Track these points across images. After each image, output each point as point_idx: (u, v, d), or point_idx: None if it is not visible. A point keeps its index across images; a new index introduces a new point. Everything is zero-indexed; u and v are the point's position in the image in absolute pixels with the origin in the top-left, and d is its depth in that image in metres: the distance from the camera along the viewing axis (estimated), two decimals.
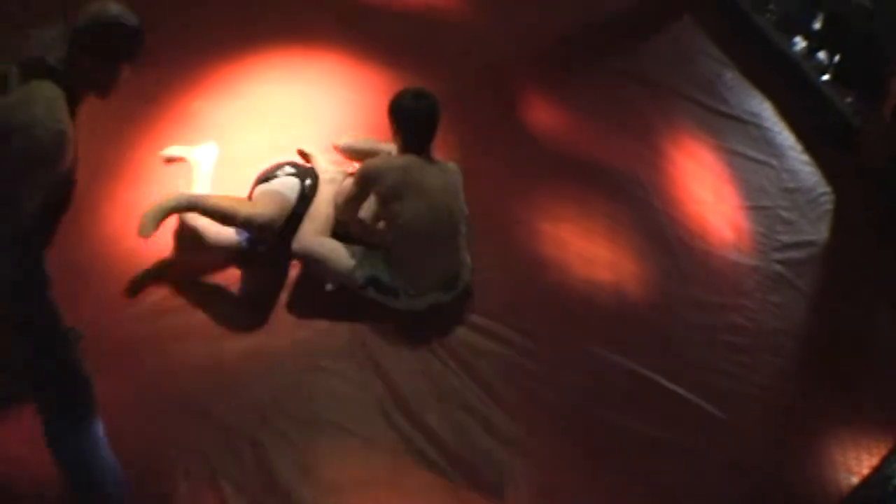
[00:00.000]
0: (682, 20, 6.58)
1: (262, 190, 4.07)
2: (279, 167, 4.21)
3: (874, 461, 4.14)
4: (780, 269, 4.91)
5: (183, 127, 4.65)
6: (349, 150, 4.51)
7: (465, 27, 5.87)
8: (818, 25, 6.44)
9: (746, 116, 5.86)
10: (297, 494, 3.40)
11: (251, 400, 3.66)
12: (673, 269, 4.70)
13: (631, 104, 5.69)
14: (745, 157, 5.54)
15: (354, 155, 4.49)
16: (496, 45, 5.81)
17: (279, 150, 4.49)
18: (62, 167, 2.75)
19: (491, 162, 4.23)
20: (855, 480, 4.05)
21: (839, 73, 6.18)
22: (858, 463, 4.13)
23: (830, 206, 5.45)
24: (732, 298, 4.66)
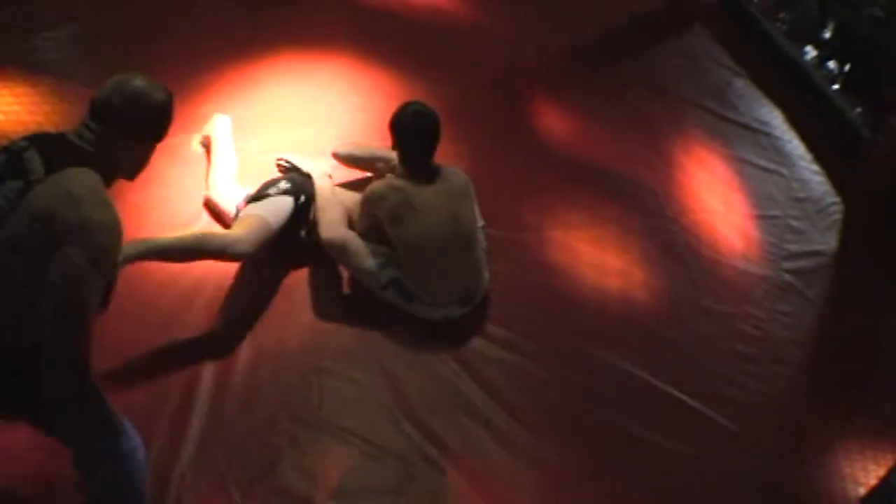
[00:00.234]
0: (693, 28, 6.57)
1: (246, 212, 4.00)
2: (274, 183, 4.16)
3: (881, 472, 4.14)
4: (788, 278, 4.91)
5: (193, 132, 4.65)
6: (348, 158, 4.47)
7: (475, 33, 5.87)
8: (828, 34, 6.43)
9: (756, 125, 5.86)
10: (304, 499, 3.40)
11: (259, 403, 3.66)
12: (682, 277, 4.70)
13: (641, 111, 5.69)
14: (754, 165, 5.54)
15: (353, 163, 4.47)
16: (506, 51, 5.81)
17: (290, 153, 4.50)
18: (115, 265, 2.60)
19: (500, 168, 4.23)
20: (862, 491, 4.06)
21: (849, 82, 6.17)
22: (865, 474, 4.13)
23: (839, 215, 5.44)
24: (741, 307, 4.66)
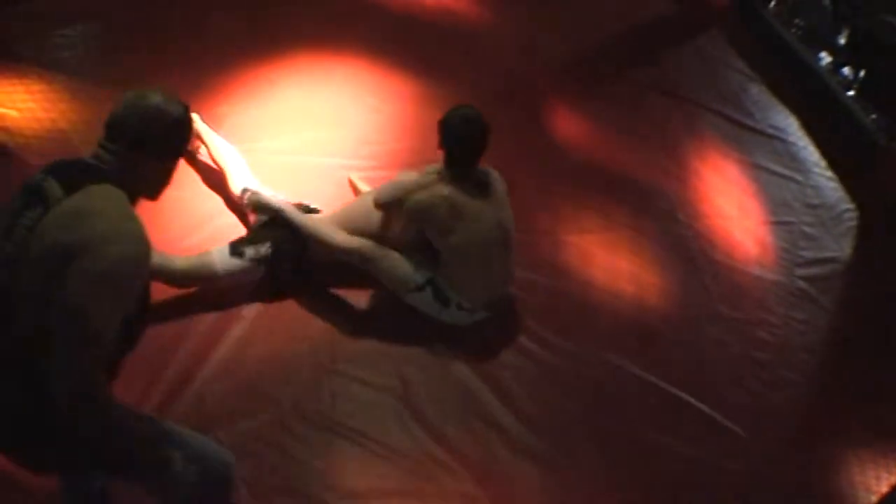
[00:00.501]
0: (708, 33, 6.56)
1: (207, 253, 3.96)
2: (256, 242, 4.01)
3: (893, 479, 4.12)
4: (802, 284, 4.89)
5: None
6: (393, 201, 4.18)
7: (488, 36, 5.88)
8: (843, 41, 6.41)
9: (772, 131, 5.84)
10: (314, 500, 3.41)
11: (271, 404, 3.67)
12: (696, 282, 4.70)
13: (656, 116, 5.69)
14: (769, 171, 5.53)
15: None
16: (522, 55, 5.82)
17: (304, 154, 4.52)
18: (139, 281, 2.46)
19: (515, 172, 4.23)
20: (874, 499, 4.04)
21: (864, 89, 6.15)
22: (878, 482, 4.12)
23: (853, 222, 5.42)
24: (755, 313, 4.65)
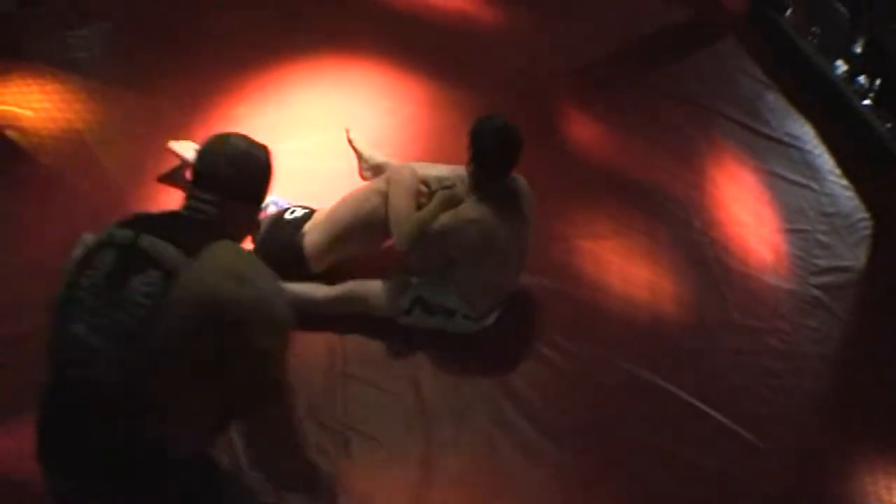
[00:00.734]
0: (724, 40, 6.54)
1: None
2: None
3: None
4: (816, 293, 4.86)
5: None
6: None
7: (505, 41, 5.88)
8: (859, 49, 6.39)
9: (787, 139, 5.81)
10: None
11: None
12: (710, 289, 4.67)
13: (672, 123, 5.67)
14: (784, 179, 5.50)
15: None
16: (536, 60, 5.81)
17: (317, 157, 4.52)
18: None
19: (529, 176, 4.22)
20: None
21: (880, 98, 6.13)
22: (889, 491, 4.08)
23: (868, 231, 5.39)
24: (769, 321, 4.62)
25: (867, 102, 6.11)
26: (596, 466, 3.81)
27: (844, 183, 5.66)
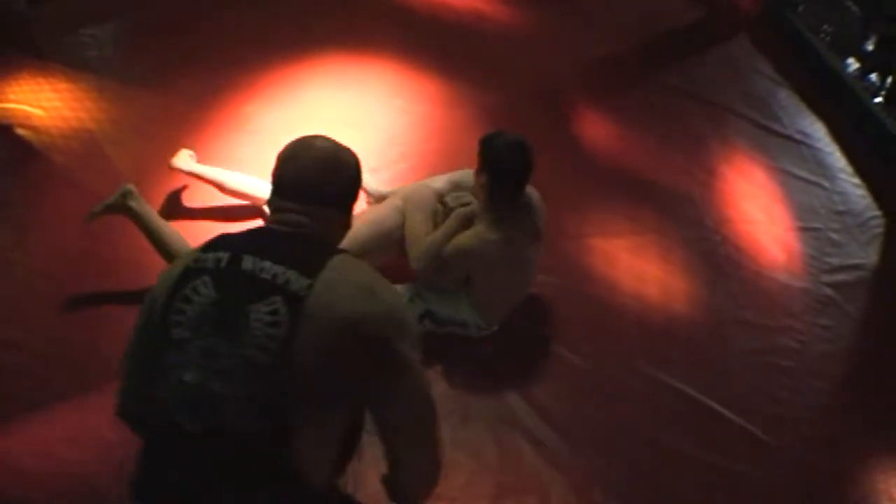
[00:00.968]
0: (736, 38, 6.54)
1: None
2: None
3: None
4: (829, 291, 4.85)
5: (234, 131, 4.67)
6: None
7: (519, 40, 5.89)
8: (871, 47, 6.38)
9: (799, 136, 5.81)
10: None
11: None
12: (722, 288, 4.67)
13: (684, 121, 5.67)
14: (796, 177, 5.49)
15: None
16: (549, 58, 5.82)
17: None
18: None
19: (541, 175, 4.20)
20: None
21: (891, 95, 6.12)
22: None
23: (880, 229, 5.38)
24: (781, 320, 4.61)
25: (879, 100, 6.11)
26: (607, 465, 3.81)
27: (856, 181, 5.66)
